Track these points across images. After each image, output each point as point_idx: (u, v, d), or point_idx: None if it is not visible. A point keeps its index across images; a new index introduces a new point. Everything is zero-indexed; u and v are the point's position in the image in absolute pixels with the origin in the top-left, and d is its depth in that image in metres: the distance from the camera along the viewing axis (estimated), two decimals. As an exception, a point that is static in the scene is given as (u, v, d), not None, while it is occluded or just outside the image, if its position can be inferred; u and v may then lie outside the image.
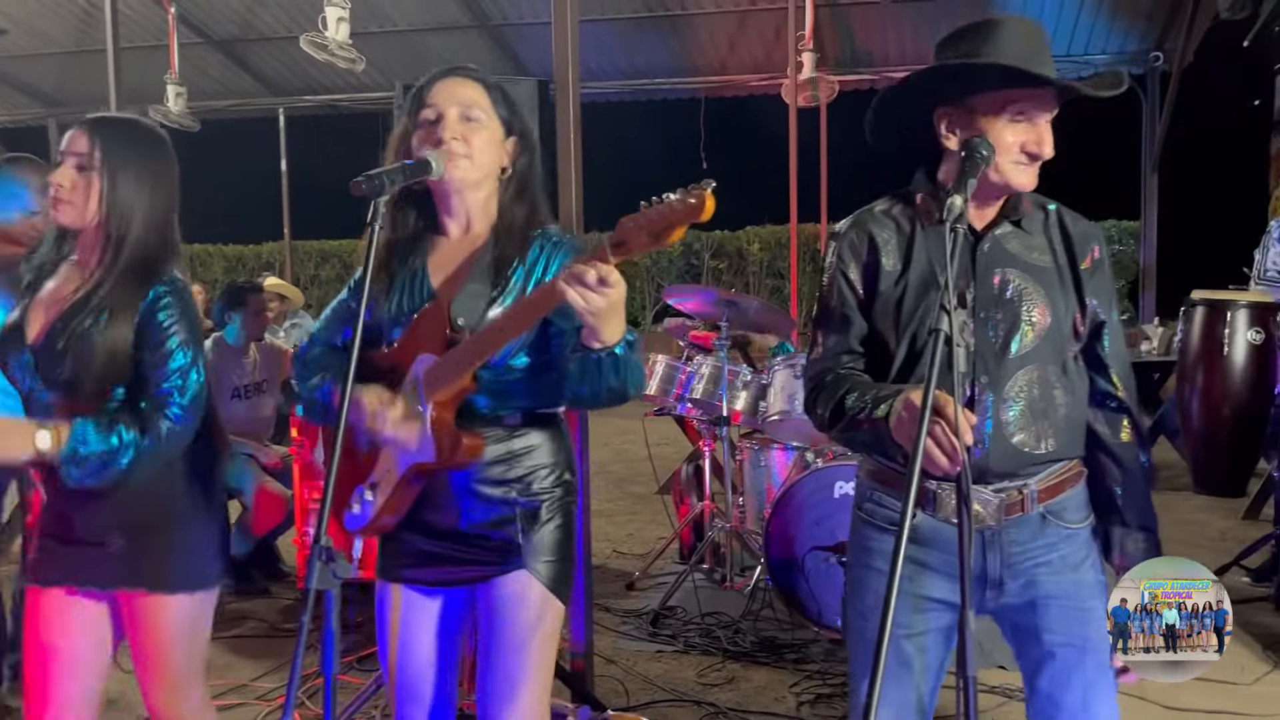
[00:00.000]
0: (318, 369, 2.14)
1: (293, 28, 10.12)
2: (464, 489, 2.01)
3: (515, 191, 2.09)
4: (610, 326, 1.79)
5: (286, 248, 14.02)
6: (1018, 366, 1.90)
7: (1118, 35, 10.16)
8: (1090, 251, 1.96)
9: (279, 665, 3.96)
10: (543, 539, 2.03)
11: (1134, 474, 2.00)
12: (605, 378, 1.86)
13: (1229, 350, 6.29)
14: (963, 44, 1.89)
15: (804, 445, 4.69)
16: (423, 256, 2.09)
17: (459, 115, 2.01)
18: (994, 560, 1.94)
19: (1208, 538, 5.73)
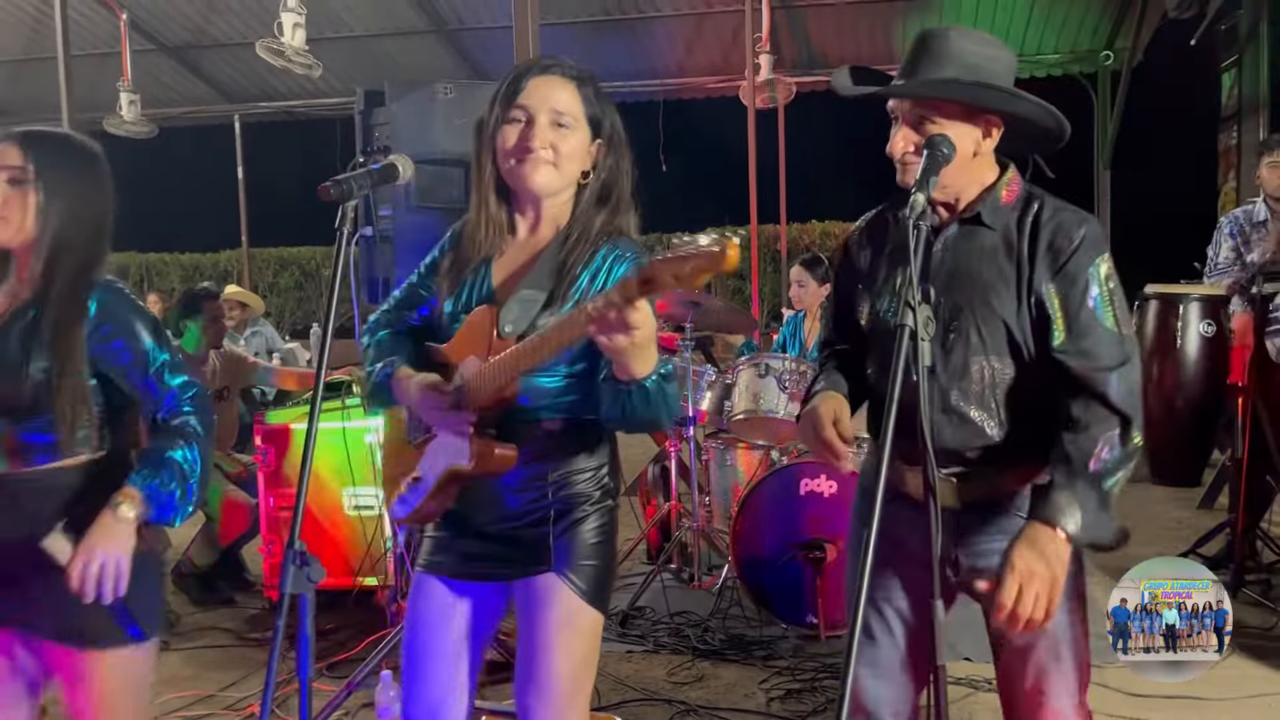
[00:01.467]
0: (378, 354, 2.11)
1: (248, 34, 10.03)
2: (503, 489, 1.99)
3: (596, 197, 2.04)
4: (637, 363, 1.74)
5: (244, 255, 13.87)
6: (962, 359, 1.94)
7: (1069, 35, 10.32)
8: (1064, 245, 1.92)
9: (247, 675, 3.93)
10: (575, 542, 2.00)
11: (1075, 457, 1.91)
12: (635, 409, 1.83)
13: (1182, 343, 6.41)
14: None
15: (769, 444, 4.73)
16: (494, 252, 2.06)
17: (550, 121, 1.97)
18: (948, 540, 1.97)
19: (1165, 527, 5.83)
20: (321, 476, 4.44)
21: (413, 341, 2.14)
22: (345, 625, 4.32)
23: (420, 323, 2.16)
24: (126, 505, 2.00)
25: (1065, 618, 1.98)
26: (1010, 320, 1.93)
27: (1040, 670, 1.98)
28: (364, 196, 1.93)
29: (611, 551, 2.07)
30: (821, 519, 4.08)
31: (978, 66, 1.92)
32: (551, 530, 1.99)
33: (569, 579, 1.98)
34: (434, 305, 2.11)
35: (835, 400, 2.01)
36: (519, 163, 1.97)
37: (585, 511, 2.02)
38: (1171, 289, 6.52)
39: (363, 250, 3.54)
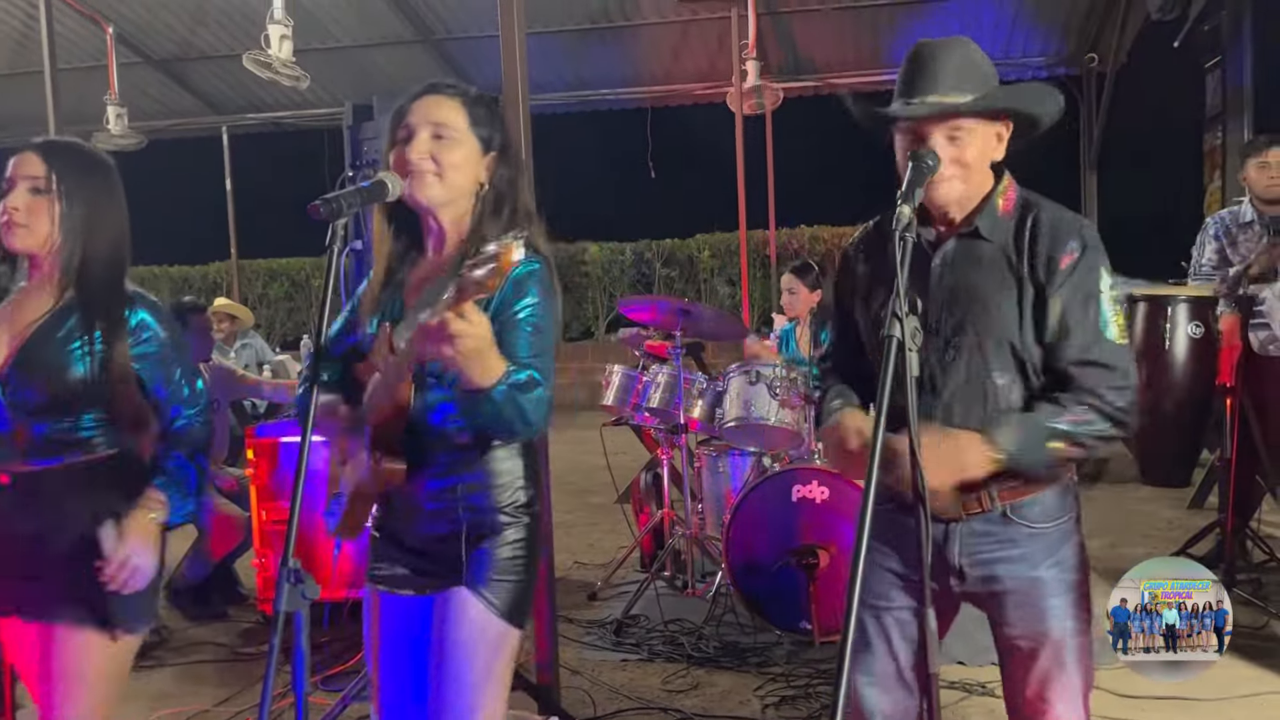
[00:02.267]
0: (308, 375, 2.15)
1: (235, 46, 10.00)
2: (419, 501, 2.03)
3: (491, 208, 2.06)
4: (474, 373, 1.77)
5: (234, 267, 13.84)
6: (965, 374, 1.96)
7: (1054, 37, 10.36)
8: (1063, 252, 1.94)
9: (242, 690, 3.93)
10: (490, 559, 2.00)
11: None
12: (483, 417, 1.87)
13: (1170, 344, 6.44)
14: (902, 72, 2.00)
15: (760, 450, 4.75)
16: (407, 274, 2.11)
17: (430, 134, 2.01)
18: (953, 549, 2.01)
19: (1156, 528, 5.86)
20: (313, 489, 4.42)
21: (344, 366, 2.17)
22: (340, 638, 4.31)
23: (348, 349, 2.19)
24: (158, 510, 2.22)
25: (1072, 624, 2.01)
26: (1013, 335, 1.95)
27: (1045, 677, 2.00)
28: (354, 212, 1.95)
29: (530, 566, 2.06)
30: (814, 525, 4.09)
31: (989, 74, 1.97)
32: (464, 545, 2.00)
33: (481, 594, 1.99)
34: (357, 336, 2.16)
35: (858, 415, 2.04)
36: (404, 178, 2.01)
37: (500, 525, 2.02)
38: (1159, 291, 6.56)
39: (353, 264, 3.55)
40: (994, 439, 1.88)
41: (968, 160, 1.94)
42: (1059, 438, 1.89)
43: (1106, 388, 1.91)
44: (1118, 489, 6.93)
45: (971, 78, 1.94)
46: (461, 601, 1.99)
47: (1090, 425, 1.91)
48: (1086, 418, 1.90)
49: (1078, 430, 1.90)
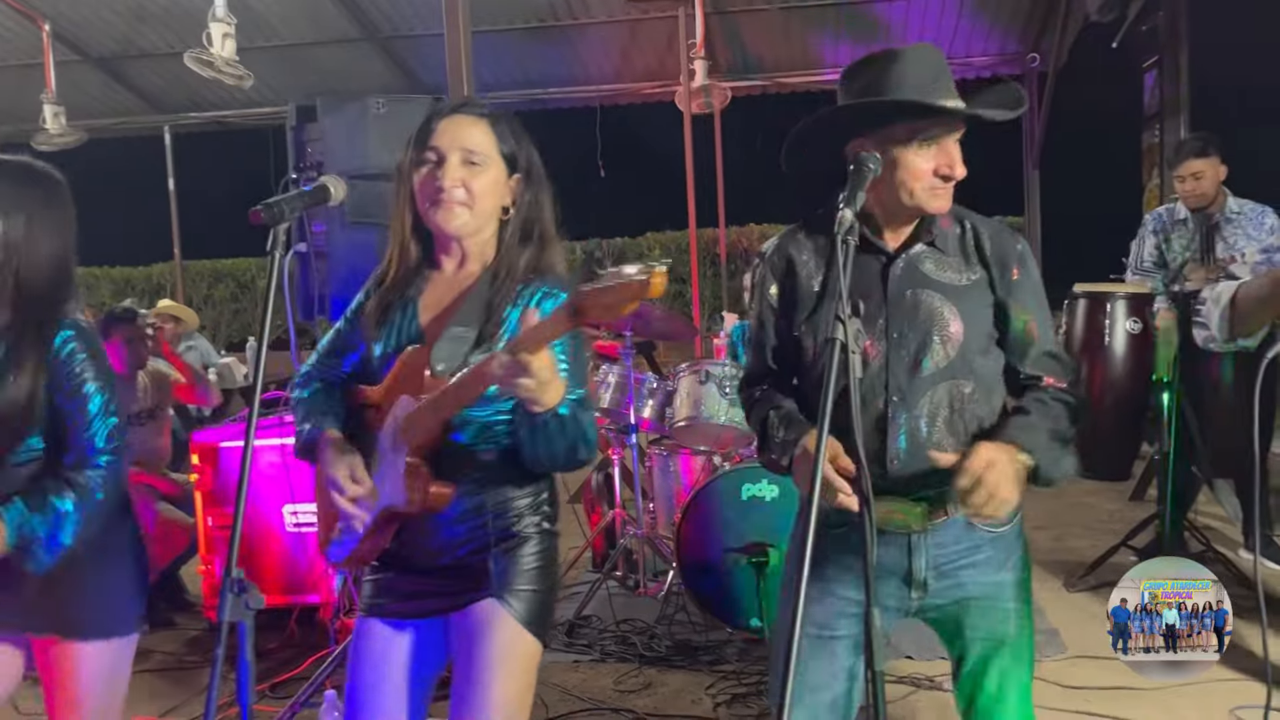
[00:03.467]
0: (307, 413, 2.12)
1: (176, 44, 9.86)
2: (441, 522, 1.99)
3: (520, 233, 2.05)
4: (546, 396, 1.77)
5: (177, 268, 13.62)
6: (931, 383, 1.97)
7: (997, 37, 10.50)
8: (1013, 262, 2.01)
9: (188, 699, 3.87)
10: (515, 569, 2.00)
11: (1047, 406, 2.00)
12: (553, 440, 1.86)
13: (1110, 340, 6.55)
14: (865, 75, 1.96)
15: (711, 449, 4.76)
16: (417, 292, 2.07)
17: (461, 160, 1.99)
18: (920, 562, 2.02)
19: (1098, 520, 5.97)
20: (261, 493, 4.39)
21: (342, 393, 2.15)
22: (288, 644, 4.27)
23: (350, 369, 2.17)
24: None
25: (1026, 622, 2.06)
26: (971, 341, 1.98)
27: (1002, 676, 2.05)
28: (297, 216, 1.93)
29: (552, 579, 2.07)
30: (764, 523, 4.11)
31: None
32: (491, 555, 1.99)
33: (509, 604, 1.98)
34: (362, 350, 2.12)
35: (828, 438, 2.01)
36: (433, 205, 1.99)
37: (525, 537, 2.02)
38: (1099, 287, 6.67)
39: (298, 266, 3.51)
40: (1023, 447, 1.90)
41: (963, 172, 1.96)
42: (1059, 439, 1.95)
43: (1069, 381, 2.01)
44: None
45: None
46: (491, 613, 1.98)
47: (1069, 420, 1.98)
48: (1064, 413, 1.98)
49: (1065, 428, 1.97)
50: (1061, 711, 3.43)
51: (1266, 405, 4.89)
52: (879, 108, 1.91)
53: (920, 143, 1.92)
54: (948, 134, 1.93)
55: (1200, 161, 4.80)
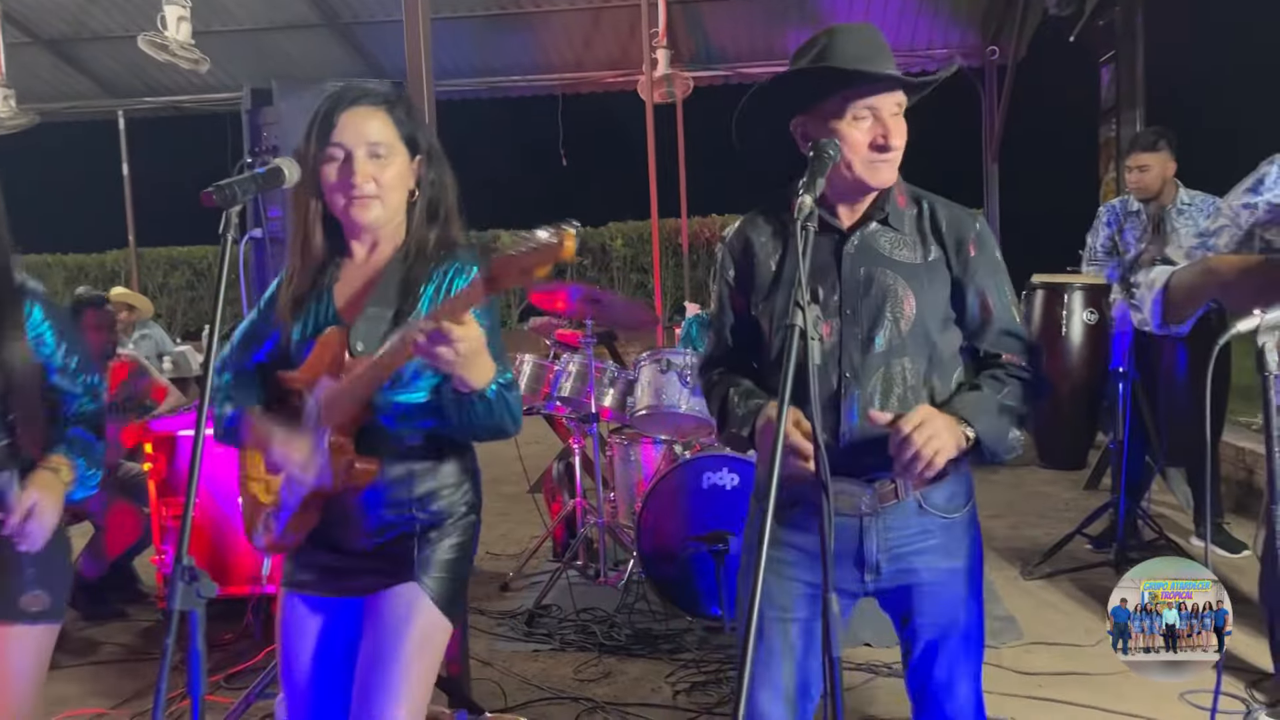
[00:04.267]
0: (227, 396, 2.14)
1: (130, 27, 9.68)
2: (368, 505, 2.03)
3: (426, 213, 2.09)
4: (470, 373, 1.82)
5: (132, 255, 13.39)
6: (883, 360, 1.97)
7: (956, 31, 10.55)
8: (969, 240, 2.01)
9: (140, 691, 3.82)
10: (437, 555, 2.05)
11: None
12: (478, 418, 1.92)
13: (1067, 330, 6.64)
14: (808, 53, 1.97)
15: (672, 438, 4.77)
16: (331, 280, 2.09)
17: (368, 154, 2.01)
18: (871, 545, 2.02)
19: (1054, 509, 6.04)
20: (216, 483, 4.33)
21: (260, 378, 2.17)
22: (244, 635, 4.23)
23: (266, 358, 2.18)
24: (65, 470, 2.19)
25: (976, 608, 2.07)
26: (926, 319, 1.98)
27: (951, 662, 2.06)
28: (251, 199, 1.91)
29: (468, 566, 2.13)
30: (724, 512, 4.12)
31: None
32: (416, 543, 2.04)
33: (428, 588, 2.03)
34: (276, 339, 2.14)
35: (790, 408, 2.00)
36: (347, 204, 2.02)
37: (451, 523, 2.07)
38: (1056, 278, 6.75)
39: (253, 252, 3.46)
40: (964, 418, 1.90)
41: (904, 140, 1.97)
42: (1009, 413, 1.95)
43: (1027, 360, 2.00)
44: (1018, 471, 7.12)
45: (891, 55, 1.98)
46: (411, 595, 2.02)
47: (1025, 397, 1.98)
48: (1020, 390, 1.98)
49: (1019, 404, 1.97)
50: (1017, 697, 3.47)
51: (1219, 394, 4.97)
52: (804, 76, 1.94)
53: (855, 115, 1.92)
54: (882, 106, 1.93)
55: (1146, 155, 4.90)
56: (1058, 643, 3.97)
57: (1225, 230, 1.92)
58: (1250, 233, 1.88)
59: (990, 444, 1.93)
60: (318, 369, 2.02)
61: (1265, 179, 1.88)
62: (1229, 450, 5.89)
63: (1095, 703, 3.42)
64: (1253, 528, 5.06)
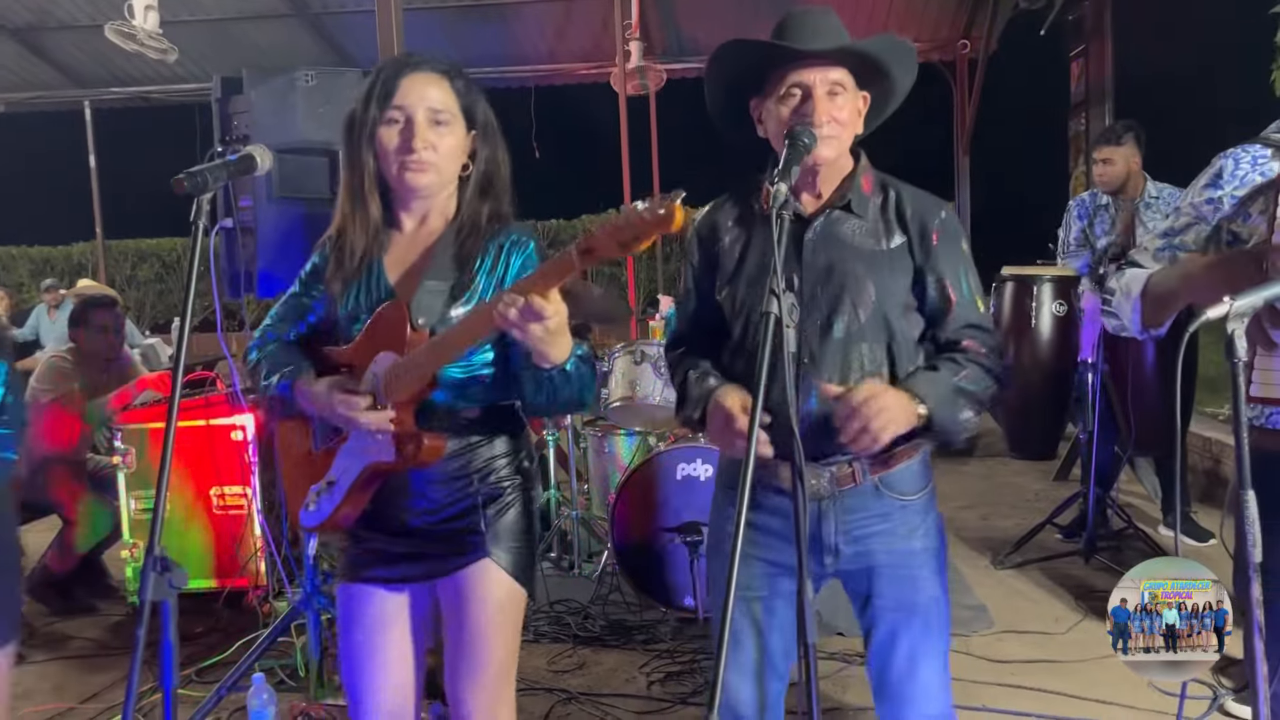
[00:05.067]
0: (272, 366, 2.09)
1: (96, 16, 9.57)
2: (426, 483, 2.00)
3: (479, 187, 2.06)
4: (554, 349, 1.79)
5: (99, 248, 13.26)
6: (841, 346, 1.98)
7: (928, 24, 10.62)
8: (933, 227, 2.00)
9: (110, 685, 3.78)
10: (504, 526, 2.04)
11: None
12: (558, 391, 1.89)
13: (1036, 322, 6.70)
14: (784, 28, 1.99)
15: (646, 430, 4.77)
16: (379, 251, 2.06)
17: (428, 119, 1.98)
18: (829, 528, 2.03)
19: (1024, 499, 6.09)
20: (186, 475, 4.30)
21: (303, 350, 2.12)
22: (215, 628, 4.20)
23: (307, 330, 2.14)
24: None
25: (937, 592, 2.06)
26: (886, 308, 1.98)
27: (913, 644, 2.05)
28: (222, 188, 1.89)
29: (536, 532, 2.11)
30: (698, 502, 4.13)
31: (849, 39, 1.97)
32: (482, 517, 2.01)
33: (499, 560, 2.01)
34: (319, 312, 2.11)
35: (739, 392, 2.00)
36: (403, 167, 1.98)
37: (511, 495, 2.05)
38: (1026, 270, 6.81)
39: (223, 243, 3.42)
40: (917, 394, 1.90)
41: (844, 119, 1.97)
42: (964, 395, 1.94)
43: (988, 349, 1.99)
44: (989, 462, 7.18)
45: (845, 39, 1.97)
46: (487, 572, 2.01)
47: (983, 383, 1.97)
48: (979, 375, 1.97)
49: (976, 388, 1.96)
50: (989, 685, 3.50)
51: (1186, 385, 5.03)
52: (727, 53, 1.97)
53: (784, 93, 1.95)
54: (813, 82, 1.94)
55: (1110, 148, 4.97)
56: (1028, 631, 4.01)
57: (1192, 228, 1.94)
58: (1218, 227, 1.89)
59: (942, 423, 1.92)
60: (375, 344, 1.98)
61: (1223, 172, 1.90)
62: (1196, 440, 5.96)
63: (1065, 689, 3.46)
64: (1219, 516, 5.13)
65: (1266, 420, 1.86)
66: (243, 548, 4.29)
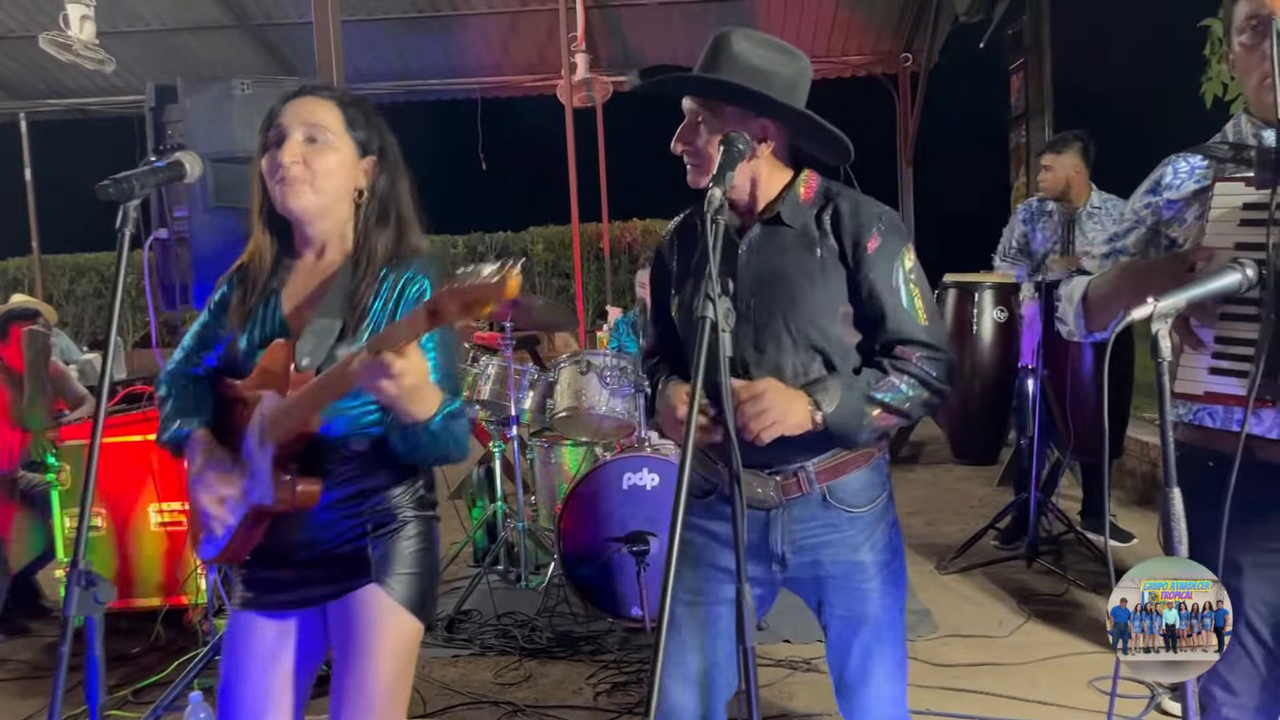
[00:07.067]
0: (175, 409, 2.05)
1: (31, 25, 9.38)
2: (316, 515, 1.95)
3: (376, 216, 2.00)
4: (414, 406, 1.76)
5: (36, 262, 12.99)
6: (774, 357, 1.99)
7: (870, 37, 10.73)
8: (868, 235, 1.99)
9: (43, 708, 3.69)
10: (397, 554, 1.97)
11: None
12: (424, 448, 1.86)
13: (978, 329, 6.79)
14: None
15: (592, 440, 4.76)
16: (280, 283, 2.01)
17: (303, 136, 1.93)
18: (775, 536, 2.04)
19: (968, 505, 6.16)
20: (125, 492, 4.21)
21: (209, 386, 2.09)
22: (154, 647, 4.11)
23: (217, 362, 2.10)
24: None
25: (889, 602, 2.08)
26: (818, 319, 1.99)
27: (866, 653, 2.07)
28: (155, 197, 1.87)
29: (432, 561, 2.05)
30: (645, 512, 4.12)
31: (758, 70, 1.96)
32: (370, 542, 1.96)
33: (390, 588, 1.96)
34: (228, 342, 2.06)
35: (685, 385, 2.02)
36: (276, 184, 1.94)
37: (403, 522, 2.00)
38: (967, 278, 6.90)
39: (158, 254, 3.36)
40: (816, 398, 1.91)
41: (696, 147, 2.02)
42: (876, 404, 1.94)
43: (920, 358, 1.97)
44: (934, 469, 7.25)
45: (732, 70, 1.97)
46: (372, 598, 1.95)
47: (906, 393, 1.96)
48: (902, 384, 1.96)
49: (895, 398, 1.95)
50: (932, 688, 3.53)
51: (1123, 390, 5.12)
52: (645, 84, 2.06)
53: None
54: (687, 109, 2.03)
55: (1051, 156, 5.06)
56: (972, 635, 4.05)
57: (1132, 232, 1.98)
58: (1155, 230, 1.94)
59: (839, 426, 1.92)
60: (263, 382, 1.94)
61: (1163, 179, 1.94)
62: (1133, 445, 6.06)
63: (1007, 691, 3.49)
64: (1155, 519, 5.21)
65: (1193, 417, 1.89)
66: (182, 565, 4.21)
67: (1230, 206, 1.71)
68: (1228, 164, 1.82)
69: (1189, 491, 1.53)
